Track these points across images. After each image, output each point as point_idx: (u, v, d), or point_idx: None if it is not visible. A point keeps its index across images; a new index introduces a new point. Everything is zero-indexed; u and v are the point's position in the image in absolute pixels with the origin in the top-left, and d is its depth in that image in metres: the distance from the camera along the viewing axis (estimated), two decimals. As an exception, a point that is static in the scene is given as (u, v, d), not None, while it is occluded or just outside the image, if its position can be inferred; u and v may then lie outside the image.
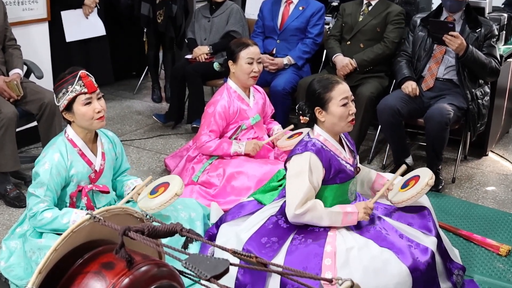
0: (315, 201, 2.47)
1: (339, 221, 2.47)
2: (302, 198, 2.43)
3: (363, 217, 2.48)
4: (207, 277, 1.28)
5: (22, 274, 2.58)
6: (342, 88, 2.52)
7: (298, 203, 2.43)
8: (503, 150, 4.48)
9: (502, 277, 2.80)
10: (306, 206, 2.43)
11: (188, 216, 2.82)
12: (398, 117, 3.70)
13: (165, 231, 1.48)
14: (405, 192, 2.65)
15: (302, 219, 2.47)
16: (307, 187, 2.44)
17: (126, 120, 5.09)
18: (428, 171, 2.70)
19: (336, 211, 2.47)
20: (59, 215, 2.51)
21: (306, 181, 2.43)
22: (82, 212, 2.54)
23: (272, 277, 2.40)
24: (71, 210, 2.55)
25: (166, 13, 5.15)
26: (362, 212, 2.47)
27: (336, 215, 2.46)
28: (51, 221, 2.50)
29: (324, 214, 2.45)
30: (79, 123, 2.60)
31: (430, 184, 2.61)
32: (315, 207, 2.44)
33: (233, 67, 3.53)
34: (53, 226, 2.51)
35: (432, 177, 2.63)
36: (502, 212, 3.46)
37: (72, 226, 1.54)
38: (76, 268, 1.52)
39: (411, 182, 2.68)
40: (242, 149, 3.46)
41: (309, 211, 2.44)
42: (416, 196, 2.61)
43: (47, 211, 2.51)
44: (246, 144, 3.47)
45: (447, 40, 3.59)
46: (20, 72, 3.67)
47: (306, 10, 4.42)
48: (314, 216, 2.45)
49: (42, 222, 2.51)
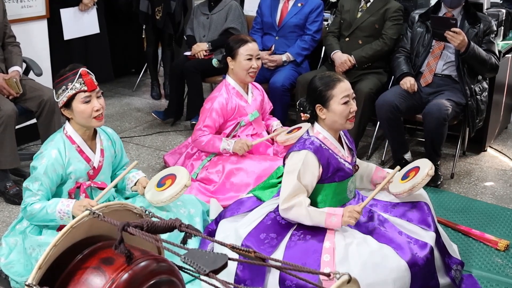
0: (303, 198, 2.46)
1: (322, 222, 2.44)
2: (289, 193, 2.44)
3: (348, 221, 2.42)
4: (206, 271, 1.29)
5: (22, 271, 2.59)
6: (343, 86, 2.52)
7: (284, 198, 2.45)
8: (502, 145, 4.49)
9: (500, 272, 2.80)
10: (292, 202, 2.44)
11: (187, 212, 2.83)
12: (397, 113, 3.71)
13: (164, 226, 1.49)
14: (405, 183, 2.66)
15: (288, 214, 2.47)
16: (295, 183, 2.44)
17: (125, 117, 5.09)
18: (427, 161, 2.72)
19: (320, 211, 2.46)
20: (46, 205, 2.52)
21: (295, 178, 2.44)
22: (67, 201, 2.54)
23: (271, 273, 2.41)
24: (57, 200, 2.55)
25: (164, 10, 5.15)
26: (347, 215, 2.42)
27: (319, 215, 2.44)
28: (39, 211, 2.51)
29: (307, 213, 2.44)
30: (77, 120, 2.60)
31: (430, 175, 2.62)
32: (300, 204, 2.44)
33: (232, 63, 3.53)
34: (41, 217, 2.52)
35: (432, 168, 2.65)
36: (500, 207, 3.47)
37: (71, 222, 1.54)
38: (75, 264, 1.53)
39: (411, 173, 2.69)
40: (230, 147, 3.45)
41: (295, 207, 2.44)
42: (417, 186, 2.62)
43: (36, 203, 2.53)
44: (234, 143, 3.46)
45: (449, 37, 3.58)
46: (19, 70, 3.67)
47: (304, 6, 4.43)
48: (299, 213, 2.45)
49: (31, 213, 2.52)
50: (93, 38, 5.01)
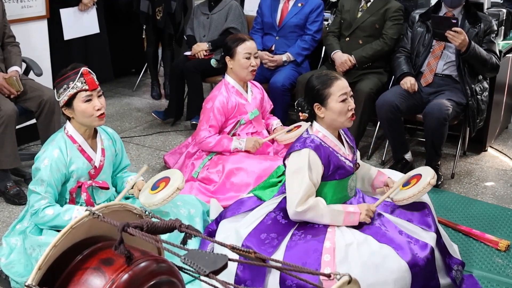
0: (317, 199, 2.47)
1: (340, 220, 2.47)
2: (303, 195, 2.44)
3: (365, 219, 2.49)
4: (206, 272, 1.28)
5: (23, 271, 2.59)
6: (341, 84, 2.52)
7: (299, 201, 2.43)
8: (502, 145, 4.48)
9: (501, 272, 2.80)
10: (308, 204, 2.44)
11: (187, 212, 2.82)
12: (397, 113, 3.70)
13: (164, 227, 1.48)
14: (406, 191, 2.65)
15: (303, 216, 2.48)
16: (307, 184, 2.44)
17: (126, 117, 5.09)
18: (430, 170, 2.70)
19: (338, 210, 2.48)
20: (60, 212, 2.51)
21: (306, 178, 2.44)
22: (83, 209, 2.53)
23: (271, 273, 2.40)
24: (72, 207, 2.55)
25: (165, 10, 5.15)
26: (364, 213, 2.48)
27: (338, 214, 2.47)
28: (53, 218, 2.51)
29: (326, 213, 2.46)
30: (78, 119, 2.60)
31: (432, 184, 2.60)
32: (317, 205, 2.45)
33: (231, 62, 3.53)
34: (55, 223, 2.52)
35: (434, 177, 2.62)
36: (501, 207, 3.47)
37: (71, 222, 1.54)
38: (75, 264, 1.52)
39: (413, 181, 2.68)
40: (242, 146, 3.47)
41: (311, 209, 2.45)
42: (417, 194, 2.60)
43: (48, 208, 2.52)
44: (246, 141, 3.47)
45: (449, 36, 3.57)
46: (19, 69, 3.67)
47: (305, 6, 4.42)
48: (316, 214, 2.46)
49: (44, 219, 2.51)
50: (93, 38, 5.00)
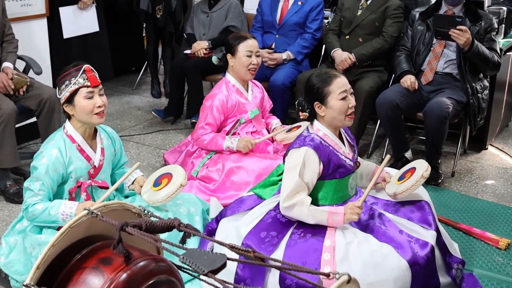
0: (304, 196, 2.45)
1: (324, 220, 2.44)
2: (291, 191, 2.43)
3: (351, 218, 2.42)
4: (205, 272, 1.28)
5: (22, 270, 2.59)
6: (340, 82, 2.51)
7: (286, 196, 2.44)
8: (503, 143, 4.48)
9: (501, 271, 2.80)
10: (294, 200, 2.43)
11: (187, 211, 2.82)
12: (397, 111, 3.70)
13: (162, 226, 1.48)
14: (401, 185, 2.65)
15: (289, 212, 2.46)
16: (297, 180, 2.43)
17: (126, 116, 5.09)
18: (424, 163, 2.70)
19: (322, 209, 2.46)
20: (48, 206, 2.51)
21: (296, 175, 2.43)
22: (70, 203, 2.53)
23: (271, 272, 2.40)
24: (60, 201, 2.54)
25: (165, 8, 5.14)
26: (349, 213, 2.42)
27: (321, 214, 2.43)
28: (41, 212, 2.50)
29: (310, 211, 2.43)
30: (78, 116, 2.59)
31: (425, 176, 2.60)
32: (302, 203, 2.43)
33: (232, 60, 3.53)
34: (43, 218, 2.51)
35: (428, 169, 2.62)
36: (501, 205, 3.46)
37: (70, 222, 1.53)
38: (74, 264, 1.52)
39: (408, 175, 2.68)
40: (234, 145, 3.45)
41: (296, 206, 2.43)
42: (411, 188, 2.60)
43: (38, 204, 2.52)
44: (238, 141, 3.45)
45: (454, 35, 3.52)
46: (10, 65, 3.62)
47: (305, 5, 4.42)
48: (301, 212, 2.44)
49: (34, 213, 2.51)
50: (93, 36, 5.00)
